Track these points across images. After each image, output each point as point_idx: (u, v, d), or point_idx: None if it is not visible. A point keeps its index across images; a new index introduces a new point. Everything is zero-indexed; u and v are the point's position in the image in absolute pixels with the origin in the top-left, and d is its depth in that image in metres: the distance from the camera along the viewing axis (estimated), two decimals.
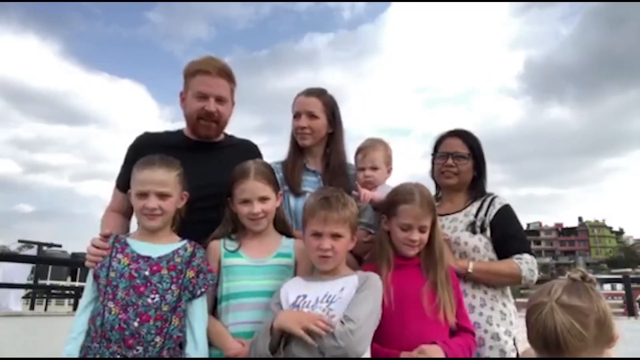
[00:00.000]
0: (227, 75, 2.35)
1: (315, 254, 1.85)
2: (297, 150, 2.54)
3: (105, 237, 1.96)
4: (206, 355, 1.86)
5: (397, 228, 2.01)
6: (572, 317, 1.36)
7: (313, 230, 1.86)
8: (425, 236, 2.01)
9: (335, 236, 1.84)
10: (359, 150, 2.48)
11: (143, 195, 1.90)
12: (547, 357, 1.43)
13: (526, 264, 2.16)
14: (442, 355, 1.79)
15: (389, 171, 2.47)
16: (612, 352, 1.46)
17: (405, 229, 1.99)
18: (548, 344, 1.38)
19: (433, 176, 2.52)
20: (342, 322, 1.65)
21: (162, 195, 1.91)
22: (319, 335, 1.61)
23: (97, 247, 1.92)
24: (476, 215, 2.31)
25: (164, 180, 1.92)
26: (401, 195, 2.04)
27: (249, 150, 2.49)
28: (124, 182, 2.26)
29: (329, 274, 1.88)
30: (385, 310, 1.83)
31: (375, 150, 2.42)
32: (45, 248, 14.80)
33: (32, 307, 11.87)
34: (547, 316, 1.38)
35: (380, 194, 2.24)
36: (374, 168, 2.39)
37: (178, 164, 2.00)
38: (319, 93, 2.54)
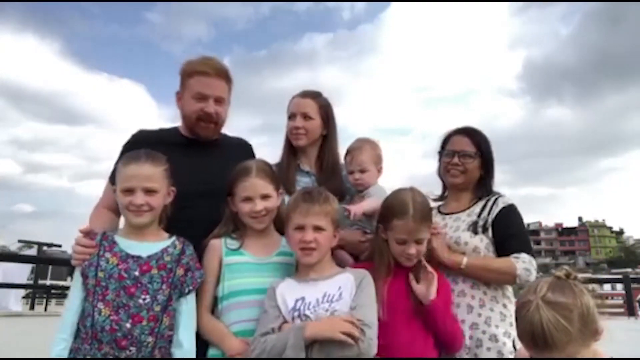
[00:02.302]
0: (225, 75, 2.36)
1: (298, 247, 1.86)
2: (291, 151, 2.56)
3: (86, 234, 1.91)
4: (192, 355, 1.85)
5: (393, 241, 2.00)
6: (557, 313, 1.43)
7: (296, 224, 1.88)
8: (422, 247, 2.00)
9: (318, 229, 1.85)
10: (347, 153, 2.48)
11: (129, 191, 1.86)
12: (535, 351, 1.49)
13: (522, 263, 2.12)
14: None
15: (380, 170, 2.47)
16: (601, 351, 1.51)
17: (401, 242, 1.97)
18: (535, 340, 1.45)
19: (439, 174, 2.51)
20: (362, 329, 1.69)
21: (149, 191, 1.87)
22: (355, 337, 1.66)
23: (83, 246, 1.87)
24: (479, 215, 2.29)
25: (150, 175, 1.88)
26: (395, 208, 2.00)
27: (244, 149, 2.52)
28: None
29: (321, 273, 1.89)
30: (380, 314, 1.85)
31: (362, 152, 2.42)
32: (45, 248, 14.78)
33: (32, 307, 11.86)
34: (534, 313, 1.46)
35: (368, 204, 2.23)
36: (362, 171, 2.39)
37: (164, 159, 1.96)
38: (314, 95, 2.57)
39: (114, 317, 1.75)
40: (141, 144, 2.17)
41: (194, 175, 2.14)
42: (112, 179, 2.31)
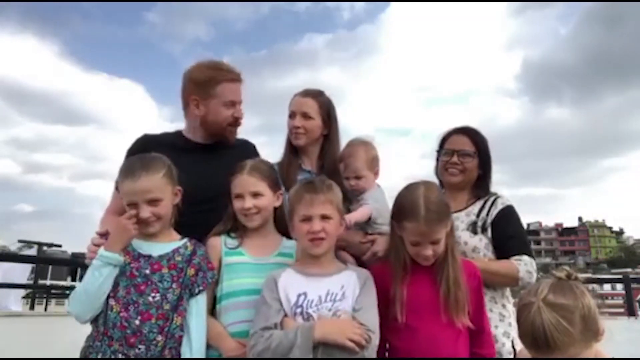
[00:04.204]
0: (241, 80, 2.44)
1: (307, 238, 1.84)
2: (293, 150, 2.56)
3: (102, 235, 1.94)
4: (202, 355, 1.84)
5: (407, 241, 1.86)
6: (558, 314, 1.44)
7: (302, 216, 1.85)
8: (439, 247, 1.84)
9: (325, 218, 1.84)
10: (341, 159, 2.46)
11: (133, 205, 1.86)
12: (536, 352, 1.49)
13: (524, 266, 2.13)
14: None
15: (376, 173, 2.45)
16: (603, 351, 1.52)
17: (415, 244, 1.84)
18: (537, 341, 1.45)
19: (437, 173, 2.50)
20: (369, 336, 1.67)
21: (152, 202, 1.86)
22: (362, 345, 1.64)
23: (97, 245, 1.90)
24: (478, 215, 2.29)
25: (149, 187, 1.86)
26: (405, 209, 1.85)
27: (248, 151, 2.53)
28: None
29: (325, 268, 1.88)
30: (399, 316, 1.81)
31: (356, 159, 2.40)
32: (45, 248, 14.80)
33: (32, 307, 11.84)
34: (535, 315, 1.46)
35: (358, 214, 2.20)
36: (358, 177, 2.38)
37: (163, 162, 1.94)
38: (316, 94, 2.56)
39: (124, 313, 1.76)
40: (146, 149, 2.16)
41: (202, 179, 2.14)
42: (118, 185, 2.31)
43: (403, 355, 1.82)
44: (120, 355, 1.73)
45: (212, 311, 1.97)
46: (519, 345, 2.06)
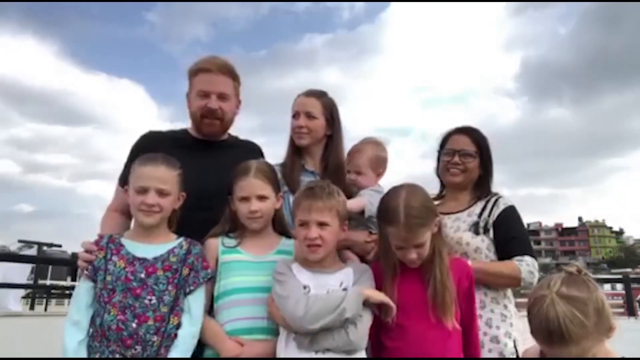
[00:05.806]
0: (228, 72, 2.38)
1: (304, 244, 1.85)
2: (296, 151, 2.55)
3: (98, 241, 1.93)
4: (189, 353, 1.82)
5: (392, 244, 1.87)
6: (573, 306, 1.42)
7: (300, 221, 1.86)
8: (424, 250, 1.84)
9: (322, 225, 1.83)
10: (348, 153, 2.48)
11: (143, 190, 1.88)
12: (550, 346, 1.47)
13: (526, 266, 2.12)
14: None
15: (379, 174, 2.44)
16: (613, 351, 1.50)
17: (398, 248, 1.85)
18: (551, 334, 1.43)
19: (438, 173, 2.49)
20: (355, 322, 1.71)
21: (162, 193, 1.90)
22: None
23: (88, 251, 1.89)
24: (480, 215, 2.29)
25: (165, 177, 1.91)
26: (385, 214, 1.85)
27: (254, 151, 2.53)
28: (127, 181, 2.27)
29: (327, 267, 1.89)
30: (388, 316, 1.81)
31: (361, 155, 2.40)
32: (45, 248, 14.77)
33: (32, 307, 11.82)
34: (549, 308, 1.44)
35: (355, 202, 2.19)
36: (358, 173, 2.38)
37: (179, 165, 1.99)
38: (319, 95, 2.55)
39: (121, 317, 1.78)
40: (151, 145, 2.18)
41: (204, 175, 2.15)
42: (122, 181, 2.31)
43: (393, 354, 1.82)
44: (117, 356, 1.75)
45: (210, 310, 1.96)
46: (521, 346, 2.06)
